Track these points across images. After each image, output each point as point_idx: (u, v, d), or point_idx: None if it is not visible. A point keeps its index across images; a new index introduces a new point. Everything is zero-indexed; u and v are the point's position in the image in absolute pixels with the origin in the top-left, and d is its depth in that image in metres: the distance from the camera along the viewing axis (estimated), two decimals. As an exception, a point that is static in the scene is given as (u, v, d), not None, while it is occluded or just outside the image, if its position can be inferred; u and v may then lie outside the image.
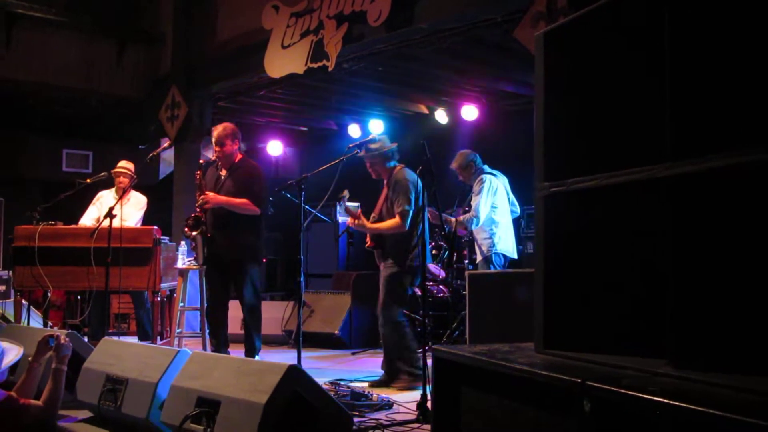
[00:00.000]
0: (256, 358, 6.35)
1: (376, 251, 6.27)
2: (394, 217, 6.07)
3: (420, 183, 5.74)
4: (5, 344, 4.09)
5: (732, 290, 2.08)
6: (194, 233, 6.48)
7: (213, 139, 6.68)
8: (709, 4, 2.17)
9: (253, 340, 6.47)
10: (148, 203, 8.28)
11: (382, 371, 6.20)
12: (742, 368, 1.99)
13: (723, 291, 2.10)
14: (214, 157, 6.70)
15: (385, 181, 6.28)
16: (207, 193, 6.45)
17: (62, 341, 4.30)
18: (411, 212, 5.91)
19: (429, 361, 4.13)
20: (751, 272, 2.05)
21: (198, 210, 6.47)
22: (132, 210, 7.98)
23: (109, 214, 6.36)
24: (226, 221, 6.45)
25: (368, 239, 6.30)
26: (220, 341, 6.53)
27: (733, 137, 2.05)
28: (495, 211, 7.27)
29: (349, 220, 6.28)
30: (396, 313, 6.06)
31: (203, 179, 6.56)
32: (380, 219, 6.21)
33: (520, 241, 9.06)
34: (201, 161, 6.76)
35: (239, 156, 6.70)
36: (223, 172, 6.63)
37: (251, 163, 6.85)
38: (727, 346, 2.08)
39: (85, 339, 5.93)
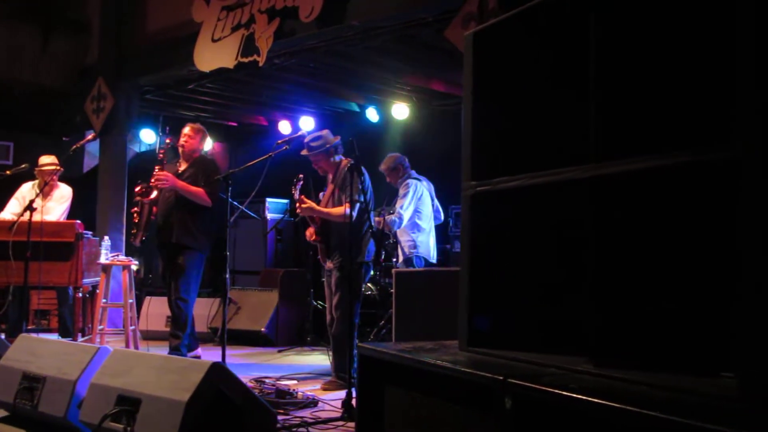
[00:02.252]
0: (188, 355, 6.28)
1: (321, 246, 6.11)
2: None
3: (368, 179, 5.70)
4: None
5: (650, 290, 2.13)
6: (147, 199, 6.47)
7: (186, 130, 6.73)
8: (634, 11, 2.21)
9: (179, 336, 6.37)
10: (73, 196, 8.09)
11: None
12: (659, 366, 2.03)
13: (642, 291, 2.14)
14: (178, 144, 6.70)
15: (330, 177, 6.18)
16: (167, 173, 6.44)
17: None
18: (359, 204, 5.77)
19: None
20: (668, 272, 2.10)
21: (154, 183, 6.45)
22: (54, 204, 7.79)
23: (30, 207, 6.19)
24: (176, 210, 6.45)
25: (313, 234, 6.11)
26: None
27: (654, 140, 2.09)
28: (418, 216, 7.37)
29: (297, 204, 6.06)
30: (354, 312, 5.69)
31: (165, 160, 6.58)
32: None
33: (447, 240, 9.15)
34: (168, 140, 6.76)
35: (198, 155, 6.77)
36: (182, 166, 6.63)
37: (210, 159, 6.95)
38: (645, 345, 2.12)
39: (2, 336, 5.75)
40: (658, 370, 2.00)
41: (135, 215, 6.55)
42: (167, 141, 6.66)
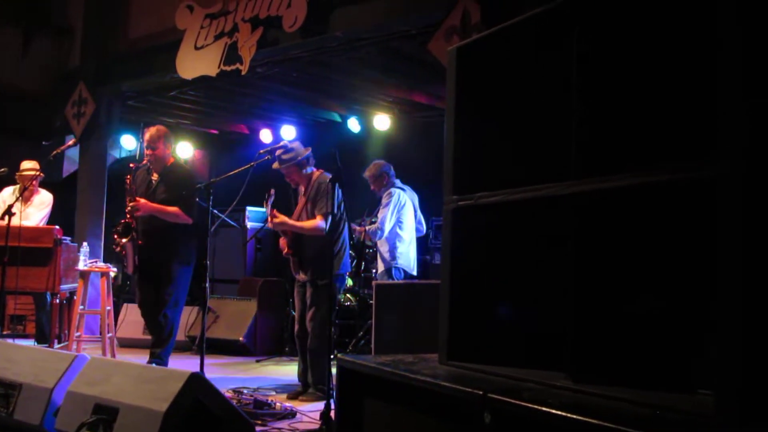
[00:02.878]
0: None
1: (293, 259, 6.06)
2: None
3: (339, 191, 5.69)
4: None
5: (629, 307, 2.15)
6: (124, 240, 6.27)
7: (144, 142, 6.50)
8: (617, 27, 2.24)
9: (162, 345, 6.32)
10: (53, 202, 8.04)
11: (299, 381, 6.09)
12: (638, 382, 2.05)
13: (620, 307, 2.16)
14: (145, 161, 6.49)
15: (302, 189, 6.17)
16: (138, 199, 6.27)
17: None
18: (331, 216, 5.74)
19: (334, 371, 4.12)
20: (647, 289, 2.12)
21: (128, 216, 6.27)
22: (33, 210, 7.74)
23: (8, 212, 6.15)
24: (156, 226, 6.31)
25: (285, 246, 6.07)
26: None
27: (636, 156, 2.11)
28: (400, 226, 7.34)
29: (269, 219, 6.03)
30: (327, 327, 5.52)
31: (134, 184, 6.36)
32: None
33: (427, 251, 9.16)
34: (131, 165, 6.49)
35: (171, 160, 6.57)
36: (155, 176, 6.46)
37: (183, 168, 6.72)
38: (624, 361, 2.14)
39: (-23, 341, 5.70)
40: (636, 387, 2.01)
41: (120, 250, 6.37)
42: (127, 179, 6.36)
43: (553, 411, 1.83)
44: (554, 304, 2.36)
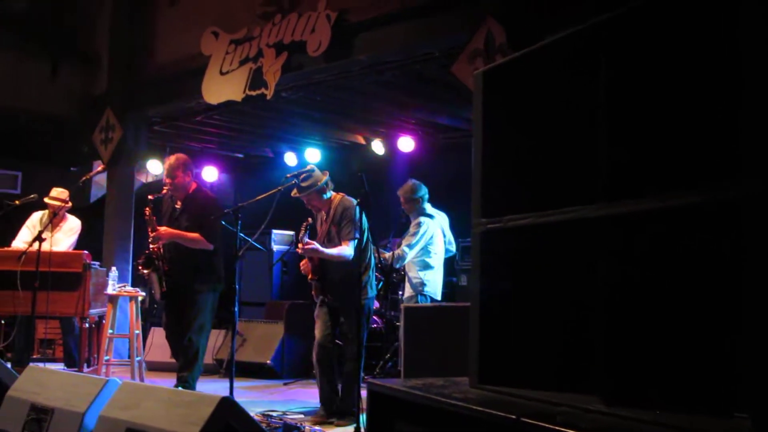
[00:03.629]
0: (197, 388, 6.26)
1: (316, 284, 6.07)
2: (339, 245, 5.92)
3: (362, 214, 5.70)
4: None
5: (660, 329, 2.14)
6: (146, 272, 6.35)
7: (165, 171, 6.54)
8: (643, 52, 2.25)
9: (189, 368, 6.34)
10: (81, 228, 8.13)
11: (321, 405, 6.07)
12: (672, 405, 2.04)
13: (652, 330, 2.16)
14: (164, 192, 6.55)
15: (323, 214, 6.18)
16: (159, 228, 6.33)
17: None
18: (357, 242, 5.76)
19: (363, 393, 4.12)
20: (678, 312, 2.11)
21: (151, 247, 6.33)
22: (62, 236, 7.82)
23: (38, 238, 6.23)
24: (181, 252, 6.36)
25: (309, 271, 6.05)
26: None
27: (664, 178, 2.12)
28: (428, 255, 7.24)
29: (299, 244, 5.91)
30: (361, 351, 5.68)
31: (154, 215, 6.41)
32: None
33: (454, 273, 9.13)
34: (149, 197, 6.51)
35: (193, 186, 6.59)
36: (178, 204, 6.52)
37: (206, 194, 6.71)
38: (658, 384, 2.13)
39: (9, 365, 5.75)
40: (670, 410, 2.00)
41: (146, 276, 6.46)
42: (147, 212, 6.41)
43: (587, 435, 1.83)
44: (585, 326, 2.35)
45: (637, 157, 2.23)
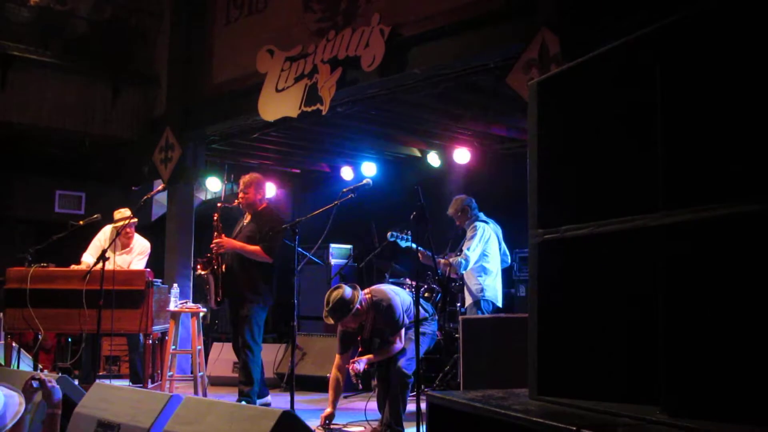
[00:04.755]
0: (258, 402, 6.37)
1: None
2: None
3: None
4: (4, 391, 4.00)
5: (725, 338, 2.10)
6: (204, 272, 6.71)
7: (240, 186, 6.96)
8: (701, 56, 2.22)
9: (249, 383, 6.46)
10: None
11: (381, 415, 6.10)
12: (734, 416, 2.00)
13: (716, 338, 2.12)
14: (235, 203, 6.88)
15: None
16: (222, 236, 6.62)
17: (49, 385, 4.17)
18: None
19: (423, 405, 4.11)
20: (745, 321, 2.07)
21: (213, 250, 6.66)
22: (134, 260, 7.98)
23: (102, 257, 6.36)
24: (240, 263, 6.67)
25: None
26: None
27: (724, 187, 2.08)
28: (486, 259, 7.30)
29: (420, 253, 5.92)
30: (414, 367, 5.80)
31: (220, 222, 6.74)
32: None
33: (512, 284, 9.09)
34: (219, 204, 6.94)
35: (263, 205, 6.97)
36: (247, 218, 6.89)
37: (274, 213, 7.08)
38: (720, 394, 2.09)
39: (76, 382, 5.88)
40: (736, 421, 1.96)
41: (204, 277, 6.80)
42: (215, 217, 6.78)
43: (650, 447, 1.80)
44: (647, 336, 2.32)
45: (697, 165, 2.20)
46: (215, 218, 6.74)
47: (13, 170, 11.75)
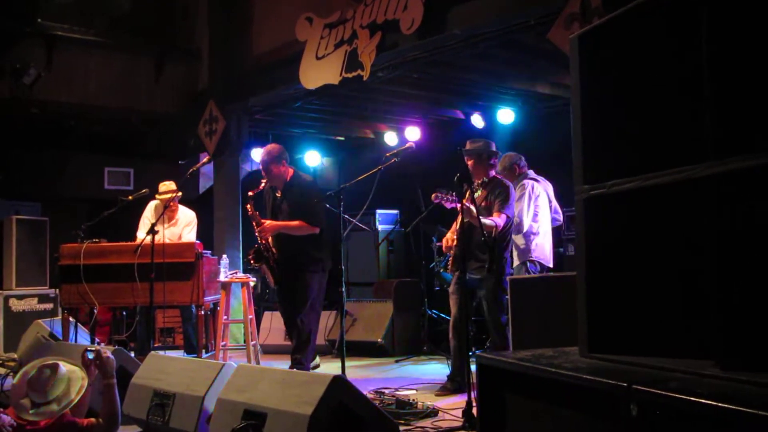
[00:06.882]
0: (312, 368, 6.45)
1: (454, 254, 6.19)
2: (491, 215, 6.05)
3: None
4: (67, 366, 4.09)
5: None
6: (258, 265, 6.74)
7: (261, 166, 6.79)
8: (746, 3, 2.15)
9: (302, 350, 6.50)
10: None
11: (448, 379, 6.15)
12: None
13: (769, 290, 2.07)
14: (261, 186, 6.73)
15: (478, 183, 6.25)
16: (263, 222, 6.56)
17: (104, 356, 4.23)
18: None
19: (473, 367, 4.11)
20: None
21: (260, 240, 6.59)
22: (185, 234, 8.08)
23: (152, 230, 6.44)
24: (288, 239, 6.59)
25: (451, 240, 6.17)
26: None
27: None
28: (535, 218, 7.14)
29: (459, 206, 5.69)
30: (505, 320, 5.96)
31: (256, 209, 6.63)
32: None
33: (561, 243, 9.00)
34: (250, 193, 6.70)
35: (290, 173, 6.79)
36: (279, 193, 6.77)
37: (303, 179, 6.92)
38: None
39: (132, 354, 6.00)
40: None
41: (260, 269, 6.86)
42: (248, 207, 6.65)
43: (703, 401, 1.78)
44: (697, 290, 2.28)
45: (744, 113, 2.14)
46: (249, 209, 6.63)
47: (64, 149, 11.92)
